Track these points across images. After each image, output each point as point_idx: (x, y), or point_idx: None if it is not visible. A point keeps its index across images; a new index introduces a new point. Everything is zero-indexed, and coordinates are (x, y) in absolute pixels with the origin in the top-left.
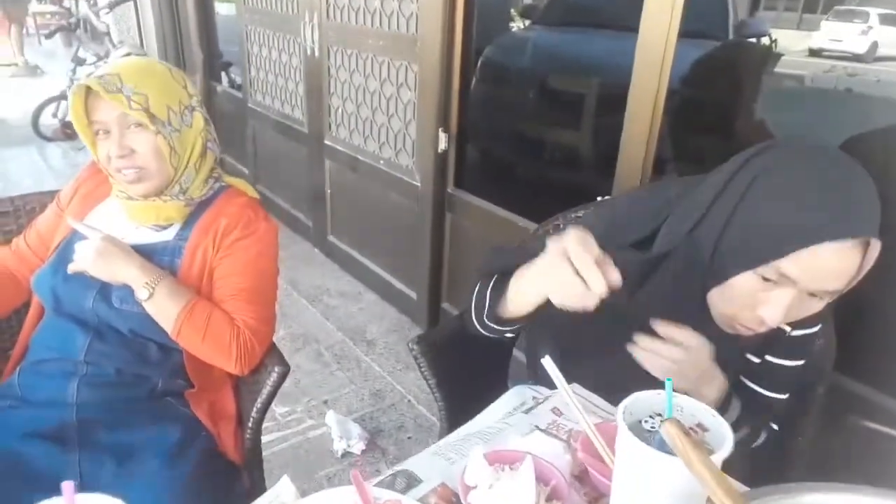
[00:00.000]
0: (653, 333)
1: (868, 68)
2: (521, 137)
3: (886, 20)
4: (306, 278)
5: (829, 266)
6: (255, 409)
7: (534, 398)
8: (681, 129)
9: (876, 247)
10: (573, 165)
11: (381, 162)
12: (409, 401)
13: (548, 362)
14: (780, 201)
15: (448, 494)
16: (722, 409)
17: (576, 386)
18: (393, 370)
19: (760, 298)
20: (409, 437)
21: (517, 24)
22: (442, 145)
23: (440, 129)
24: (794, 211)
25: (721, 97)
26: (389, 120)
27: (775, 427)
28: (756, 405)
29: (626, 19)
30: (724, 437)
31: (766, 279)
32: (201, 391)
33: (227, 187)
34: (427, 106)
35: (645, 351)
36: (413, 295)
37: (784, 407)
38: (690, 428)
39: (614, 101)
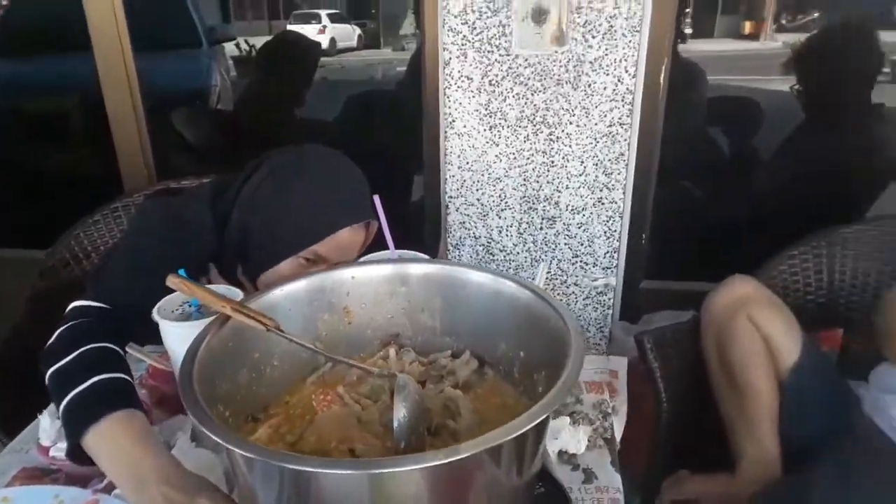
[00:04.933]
0: None
1: (332, 60)
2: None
3: (334, 18)
4: None
5: (346, 244)
6: None
7: None
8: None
9: (374, 225)
10: (75, 185)
11: None
12: None
13: None
14: (303, 200)
15: None
16: None
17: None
18: None
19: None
20: None
21: None
22: None
23: None
24: (320, 206)
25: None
26: None
27: None
28: None
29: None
30: None
31: (307, 260)
32: None
33: None
34: None
35: None
36: None
37: None
38: None
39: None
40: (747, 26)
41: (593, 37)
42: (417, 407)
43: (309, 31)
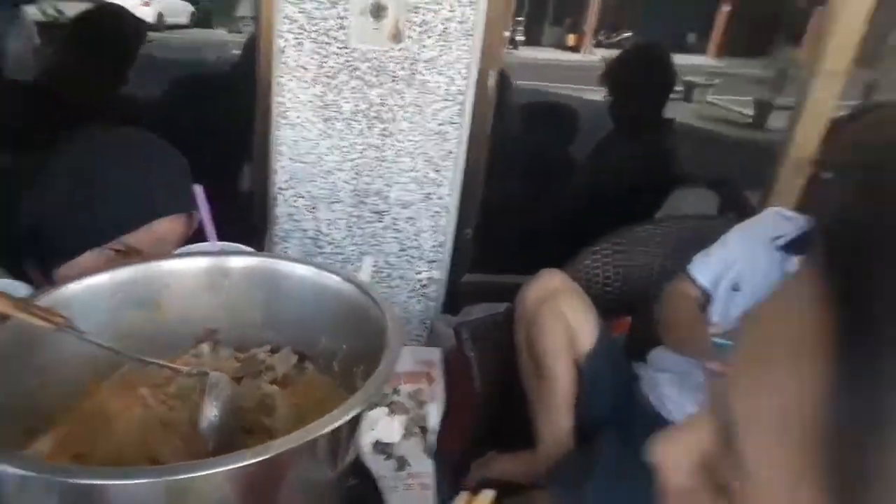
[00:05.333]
0: None
1: (161, 36)
2: None
3: None
4: None
5: (162, 235)
6: None
7: None
8: None
9: (197, 217)
10: None
11: None
12: None
13: None
14: (109, 186)
15: None
16: None
17: None
18: None
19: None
20: None
21: None
22: None
23: None
24: (131, 193)
25: None
26: None
27: None
28: None
29: None
30: None
31: (116, 251)
32: None
33: None
34: None
35: None
36: None
37: None
38: None
39: None
40: (571, 39)
41: (429, 37)
42: (230, 405)
43: (130, 2)
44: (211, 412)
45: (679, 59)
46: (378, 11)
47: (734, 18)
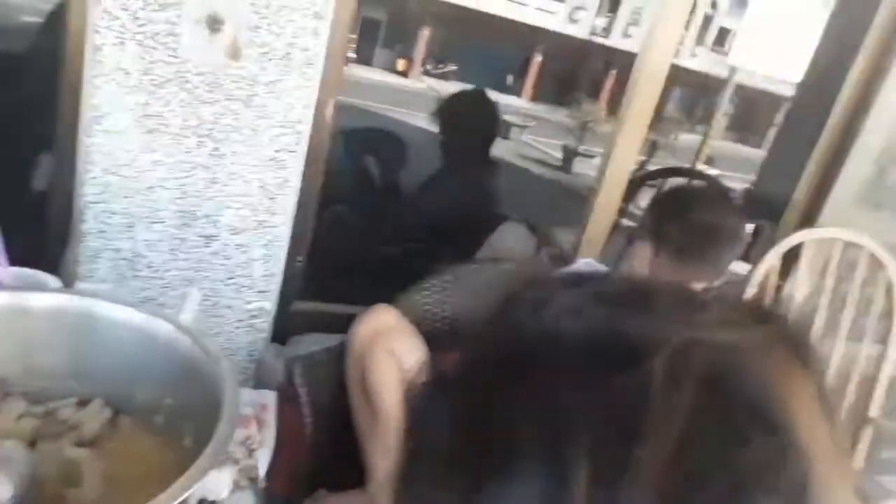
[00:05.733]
0: None
1: None
2: None
3: None
4: None
5: None
6: None
7: None
8: None
9: None
10: None
11: None
12: None
13: None
14: None
15: None
16: None
17: None
18: None
19: None
20: None
21: None
22: None
23: None
24: None
25: None
26: None
27: None
28: None
29: None
30: None
31: None
32: None
33: None
34: None
35: None
36: None
37: None
38: None
39: None
40: (401, 63)
41: (270, 60)
42: (28, 480)
43: None
44: (5, 493)
45: (498, 98)
46: (214, 24)
47: (544, 68)
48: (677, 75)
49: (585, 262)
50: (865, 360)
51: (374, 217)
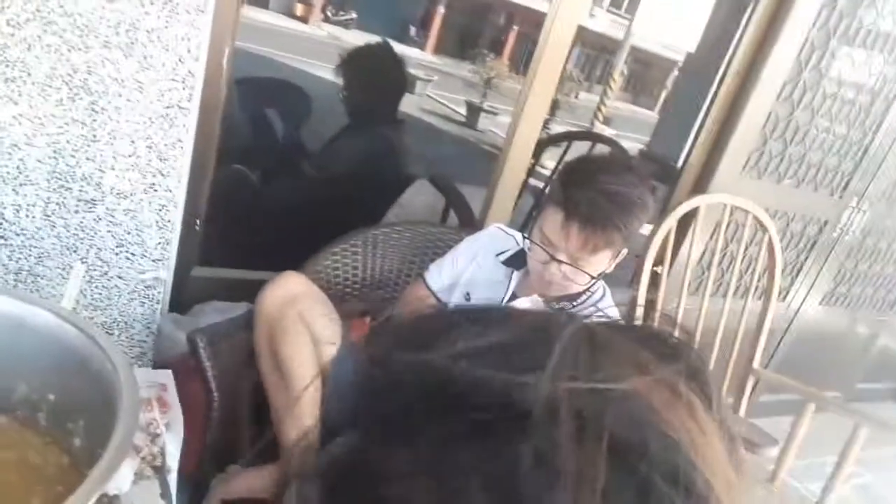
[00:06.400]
0: None
1: None
2: None
3: None
4: None
5: None
6: None
7: None
8: None
9: None
10: None
11: None
12: None
13: None
14: None
15: None
16: None
17: None
18: None
19: None
20: None
21: None
22: None
23: None
24: None
25: None
26: None
27: None
28: None
29: None
30: None
31: None
32: None
33: None
34: None
35: None
36: None
37: None
38: None
39: None
40: (299, 8)
41: (152, 3)
42: None
43: None
44: None
45: (401, 50)
46: None
47: (447, 20)
48: (577, 36)
49: (496, 227)
50: (748, 315)
51: (277, 176)
